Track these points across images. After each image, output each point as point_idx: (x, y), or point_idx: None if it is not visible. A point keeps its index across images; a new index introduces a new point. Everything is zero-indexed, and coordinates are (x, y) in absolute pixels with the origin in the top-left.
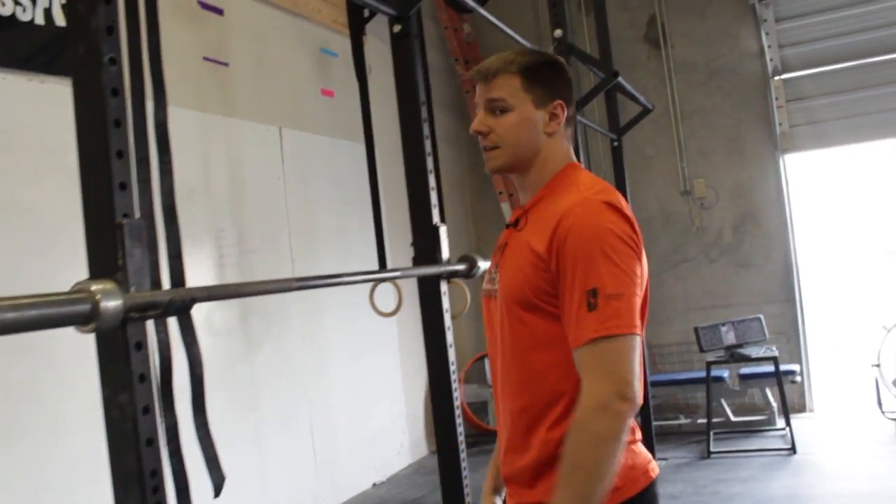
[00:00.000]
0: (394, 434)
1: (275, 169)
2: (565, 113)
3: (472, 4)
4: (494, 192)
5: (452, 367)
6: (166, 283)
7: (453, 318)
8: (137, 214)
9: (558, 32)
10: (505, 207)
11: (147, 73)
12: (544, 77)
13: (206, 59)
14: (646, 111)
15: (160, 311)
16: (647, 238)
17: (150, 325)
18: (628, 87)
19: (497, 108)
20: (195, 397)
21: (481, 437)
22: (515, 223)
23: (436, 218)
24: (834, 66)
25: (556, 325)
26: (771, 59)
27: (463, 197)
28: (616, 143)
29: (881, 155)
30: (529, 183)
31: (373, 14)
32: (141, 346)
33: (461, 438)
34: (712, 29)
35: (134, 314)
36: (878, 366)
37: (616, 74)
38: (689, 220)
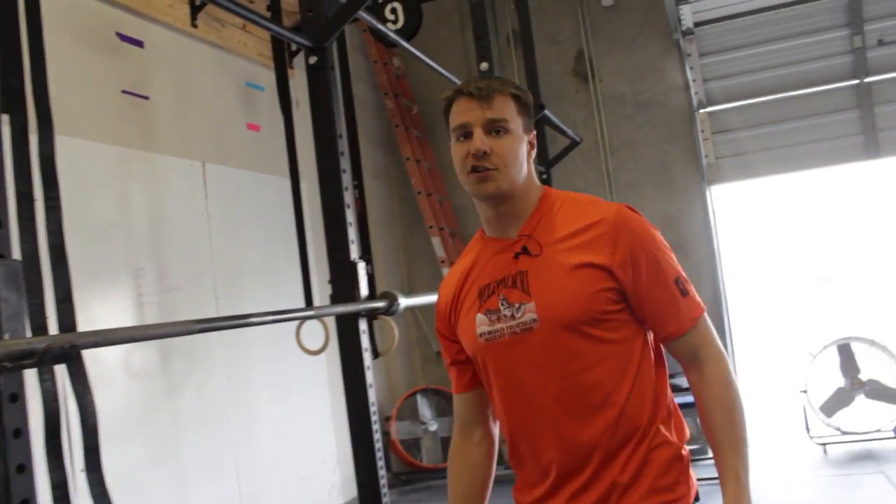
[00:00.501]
0: (324, 474)
1: (198, 205)
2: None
3: (398, 39)
4: (425, 226)
5: (373, 408)
6: (55, 328)
7: (381, 354)
8: (16, 255)
9: (484, 65)
10: (436, 241)
11: (31, 104)
12: (528, 105)
13: (125, 92)
14: (574, 143)
15: (36, 360)
16: None
17: (33, 374)
18: (555, 119)
19: (497, 129)
20: (88, 451)
21: (414, 475)
22: (524, 250)
23: (354, 254)
24: (756, 99)
25: (615, 332)
26: (696, 93)
27: (394, 231)
28: (545, 176)
29: (808, 185)
30: (514, 209)
31: (300, 48)
32: (16, 397)
33: (383, 482)
34: (639, 63)
35: (7, 364)
36: (805, 392)
37: (542, 107)
38: None
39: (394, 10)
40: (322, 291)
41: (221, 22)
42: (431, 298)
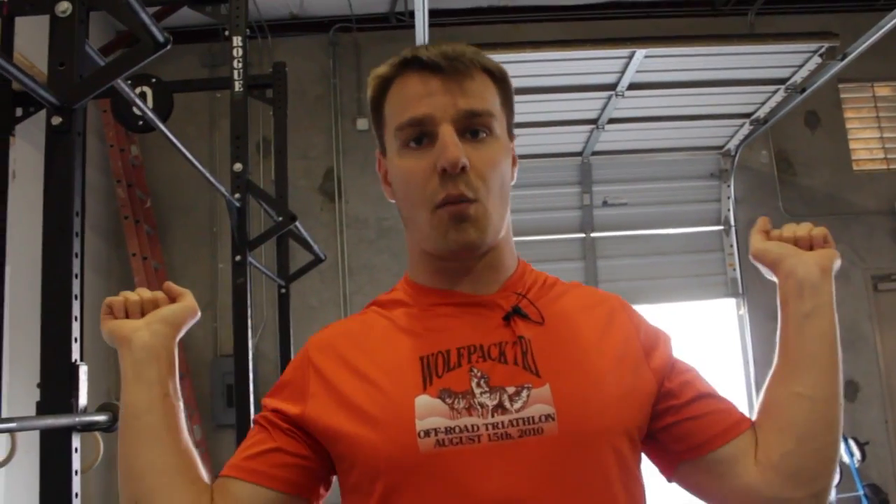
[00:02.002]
0: None
1: None
2: None
3: (155, 119)
4: None
5: None
6: None
7: (81, 472)
8: None
9: (238, 166)
10: None
11: None
12: (511, 93)
13: None
14: (318, 260)
15: None
16: None
17: None
18: (304, 233)
19: (476, 129)
20: None
21: None
22: (517, 312)
23: (76, 354)
24: None
25: (635, 458)
26: None
27: None
28: (284, 290)
29: None
30: (492, 263)
31: (27, 114)
32: None
33: None
34: None
35: None
36: None
37: (294, 218)
38: None
39: (143, 95)
40: (28, 394)
41: None
42: None
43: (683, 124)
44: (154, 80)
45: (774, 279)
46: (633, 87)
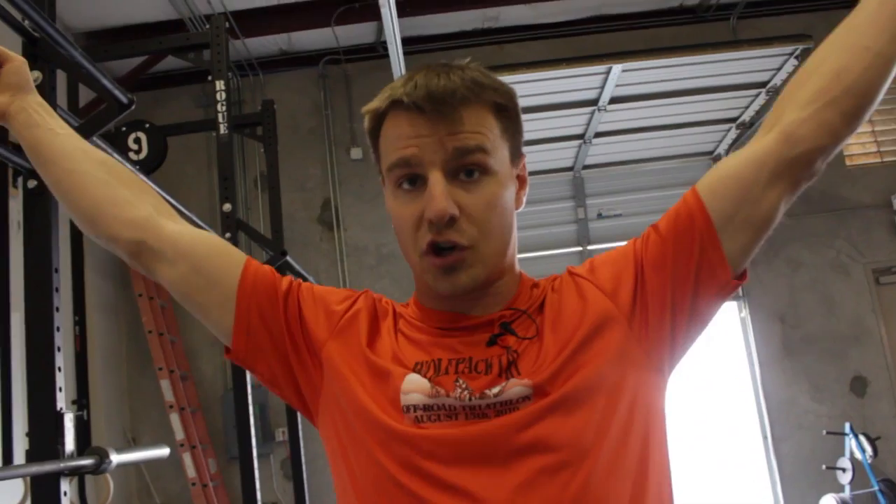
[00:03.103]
0: None
1: None
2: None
3: (135, 172)
4: (154, 368)
5: None
6: None
7: None
8: None
9: (227, 207)
10: (164, 385)
11: None
12: (515, 114)
13: None
14: None
15: None
16: None
17: None
18: (297, 266)
19: (470, 168)
20: None
21: None
22: (506, 329)
23: (60, 403)
24: None
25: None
26: None
27: (119, 371)
28: None
29: None
30: (494, 292)
31: (19, 170)
32: None
33: None
34: (383, 216)
35: None
36: None
37: (284, 253)
38: None
39: (137, 140)
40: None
41: None
42: (151, 453)
43: (671, 133)
44: (147, 125)
45: None
46: (615, 100)
